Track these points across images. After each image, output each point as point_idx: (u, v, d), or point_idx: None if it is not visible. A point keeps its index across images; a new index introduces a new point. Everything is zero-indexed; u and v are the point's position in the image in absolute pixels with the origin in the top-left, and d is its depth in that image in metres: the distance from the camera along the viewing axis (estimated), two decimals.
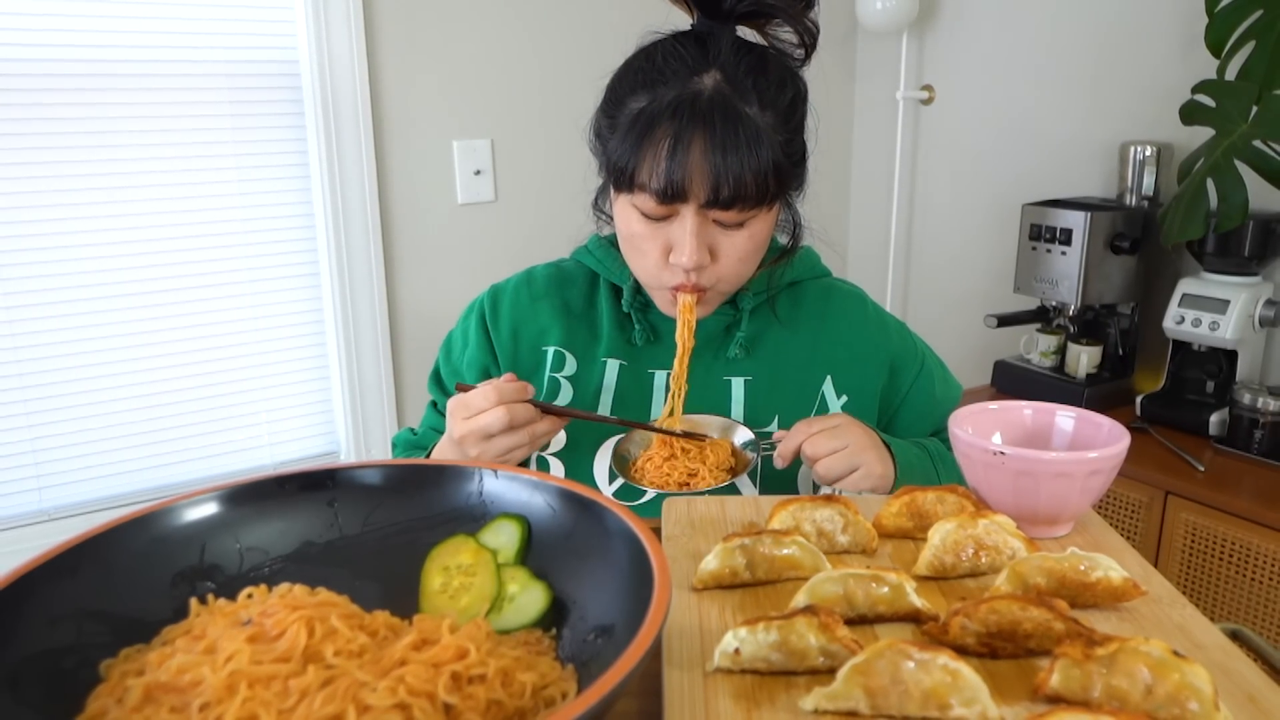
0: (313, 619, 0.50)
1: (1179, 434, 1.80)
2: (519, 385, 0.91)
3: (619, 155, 0.91)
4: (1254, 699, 0.48)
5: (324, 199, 1.98)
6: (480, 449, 0.89)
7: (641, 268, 0.98)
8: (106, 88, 1.77)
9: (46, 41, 1.70)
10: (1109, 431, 0.70)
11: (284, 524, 0.62)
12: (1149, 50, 2.01)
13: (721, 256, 0.94)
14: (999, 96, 2.35)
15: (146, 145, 1.82)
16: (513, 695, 0.49)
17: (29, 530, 1.82)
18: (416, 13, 2.03)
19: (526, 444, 0.90)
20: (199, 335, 1.94)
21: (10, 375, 1.77)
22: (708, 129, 0.87)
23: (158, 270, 1.87)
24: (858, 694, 0.47)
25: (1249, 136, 1.61)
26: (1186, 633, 0.55)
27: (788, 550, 0.62)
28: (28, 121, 1.71)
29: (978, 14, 2.36)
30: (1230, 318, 1.73)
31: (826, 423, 0.93)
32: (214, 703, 0.45)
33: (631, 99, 0.92)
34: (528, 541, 0.61)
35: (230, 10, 1.85)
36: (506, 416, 0.87)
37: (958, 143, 2.47)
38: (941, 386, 1.12)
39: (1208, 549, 1.59)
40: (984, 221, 2.42)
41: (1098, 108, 2.13)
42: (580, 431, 1.03)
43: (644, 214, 0.92)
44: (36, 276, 1.77)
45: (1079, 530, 0.70)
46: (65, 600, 0.51)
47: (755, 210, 0.91)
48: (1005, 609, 0.52)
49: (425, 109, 2.08)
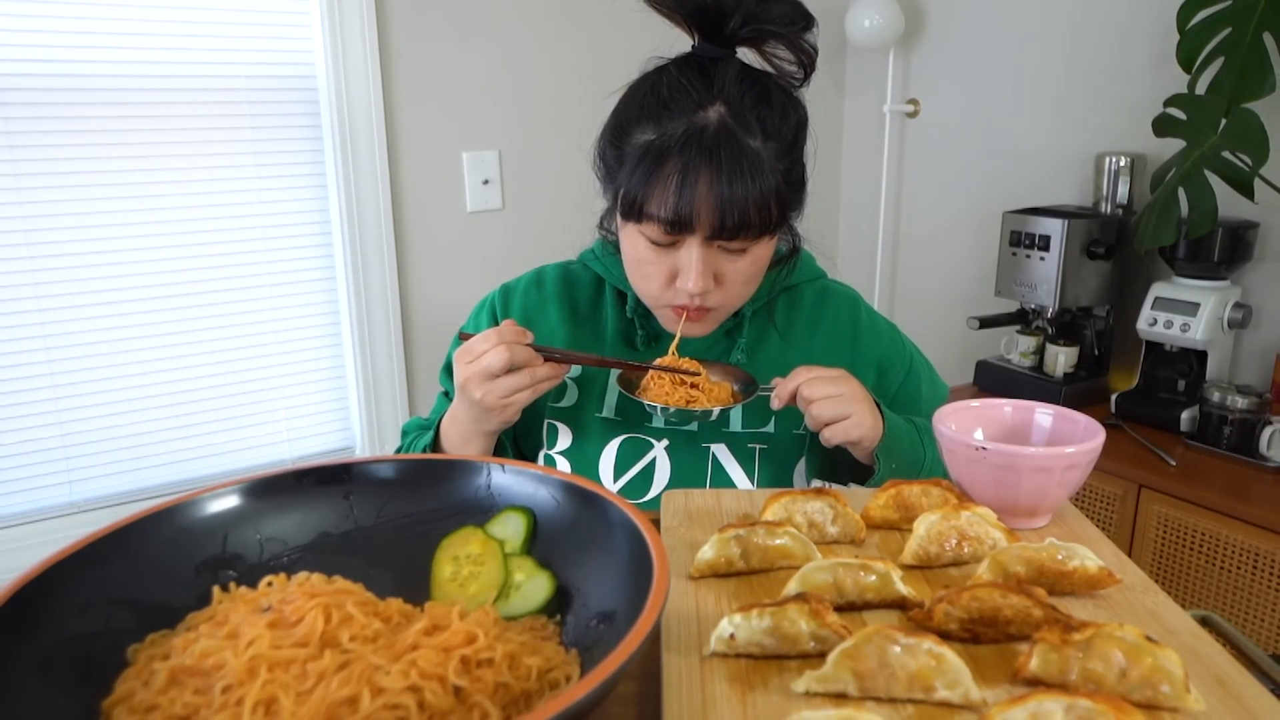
0: (329, 606, 0.50)
1: (1151, 430, 1.80)
2: (519, 330, 0.89)
3: (628, 187, 0.89)
4: (1223, 681, 0.48)
5: (340, 207, 1.98)
6: (483, 390, 0.87)
7: (646, 290, 0.97)
8: (139, 101, 1.77)
9: (87, 58, 1.71)
10: (1085, 428, 0.70)
11: (302, 515, 0.62)
12: (1123, 65, 2.01)
13: (726, 281, 0.93)
14: (981, 110, 2.35)
15: (174, 156, 1.82)
16: (519, 678, 0.49)
17: (60, 522, 1.82)
18: (428, 31, 2.03)
19: (528, 386, 0.88)
20: (221, 337, 1.93)
21: (43, 375, 1.77)
22: (714, 164, 0.86)
23: (182, 275, 1.87)
24: (847, 677, 0.47)
25: (1218, 148, 1.61)
26: (1159, 619, 0.55)
27: (780, 541, 0.62)
28: (65, 134, 1.72)
29: (960, 32, 2.36)
30: (1200, 320, 1.73)
31: (825, 371, 0.92)
32: (236, 685, 0.45)
33: (638, 130, 0.91)
34: (533, 532, 0.61)
35: (252, 30, 1.85)
36: (507, 354, 0.86)
37: (941, 153, 2.47)
38: (928, 387, 1.11)
39: (1179, 539, 1.59)
40: (966, 228, 2.42)
41: (1074, 120, 2.13)
42: (586, 430, 1.02)
43: (651, 241, 0.92)
44: (69, 281, 1.77)
45: (1057, 521, 0.70)
46: (94, 588, 0.51)
47: (759, 239, 0.91)
48: (987, 596, 0.52)
49: (436, 122, 2.08)
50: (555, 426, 1.03)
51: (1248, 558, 1.50)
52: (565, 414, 1.03)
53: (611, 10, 2.20)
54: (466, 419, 0.93)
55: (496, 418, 0.90)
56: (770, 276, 1.05)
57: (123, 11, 1.73)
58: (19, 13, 1.65)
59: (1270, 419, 1.63)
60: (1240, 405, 1.65)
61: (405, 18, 2.00)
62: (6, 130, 1.67)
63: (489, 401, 0.88)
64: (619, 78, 0.98)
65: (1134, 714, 0.42)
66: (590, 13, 2.20)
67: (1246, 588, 1.50)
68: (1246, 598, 1.51)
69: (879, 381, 1.08)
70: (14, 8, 1.64)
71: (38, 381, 1.77)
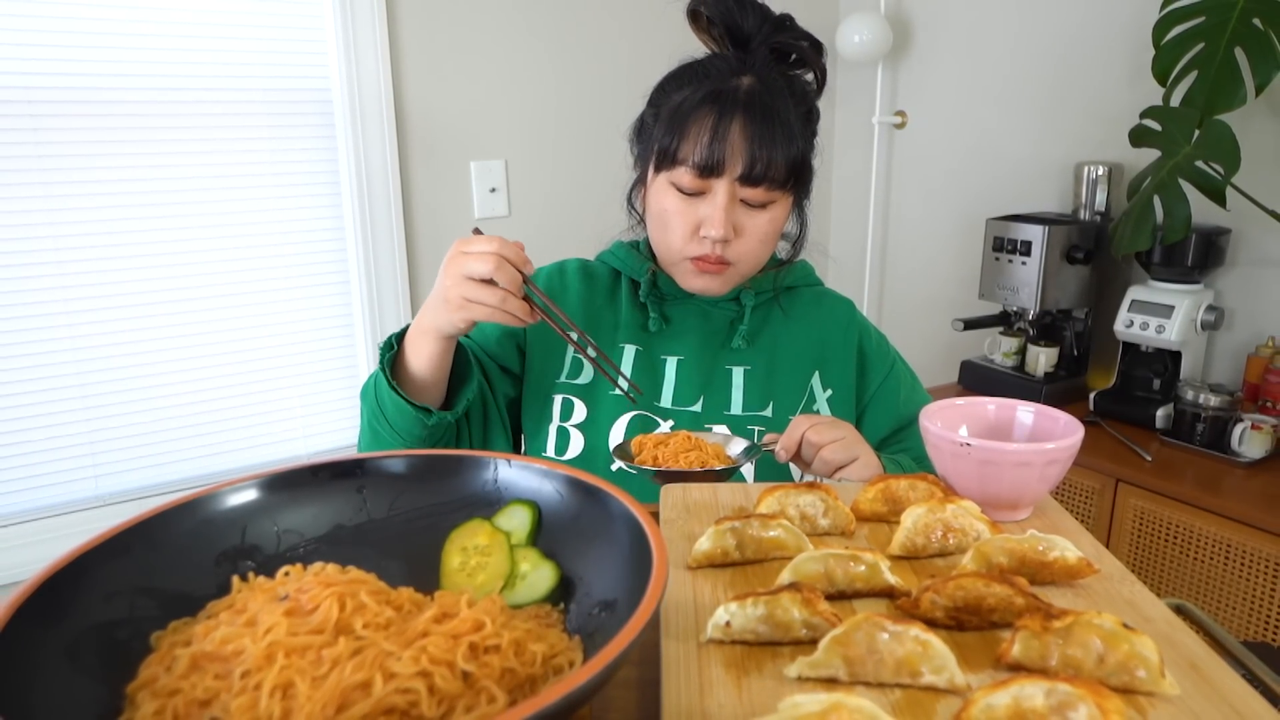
0: (344, 595, 0.50)
1: (1128, 427, 1.80)
2: (523, 256, 0.85)
3: (663, 135, 0.95)
4: (1196, 667, 0.48)
5: (353, 213, 1.98)
6: (454, 284, 0.83)
7: (670, 244, 0.99)
8: (163, 112, 1.77)
9: (113, 70, 1.72)
10: (1065, 425, 0.70)
11: (317, 508, 0.62)
12: (1101, 78, 2.01)
13: (745, 234, 0.96)
14: (965, 121, 2.34)
15: (195, 164, 1.82)
16: (525, 664, 0.49)
17: (86, 514, 1.82)
18: (437, 46, 2.03)
19: (492, 305, 0.83)
20: (240, 337, 1.94)
21: (70, 374, 1.77)
22: (746, 114, 0.92)
23: (203, 278, 1.87)
24: (837, 663, 0.47)
25: (1192, 157, 1.61)
26: (1135, 607, 0.55)
27: (774, 532, 0.62)
28: (92, 142, 1.72)
29: (945, 46, 2.36)
30: (1175, 322, 1.73)
31: (823, 418, 0.92)
32: (254, 670, 0.45)
33: (676, 93, 0.96)
34: (538, 524, 0.61)
35: (270, 44, 1.86)
36: (493, 266, 0.82)
37: (928, 163, 2.47)
38: (907, 392, 1.12)
39: (1154, 531, 1.59)
40: (951, 234, 2.42)
41: (1054, 131, 2.13)
42: (599, 406, 1.03)
43: (680, 189, 0.95)
44: (95, 285, 1.77)
45: (1038, 514, 0.70)
46: (119, 578, 0.51)
47: (778, 193, 0.95)
48: (971, 585, 0.52)
49: (445, 132, 2.08)
50: (571, 401, 1.04)
51: (1220, 549, 1.49)
52: (580, 390, 1.04)
53: (611, 29, 2.21)
54: (429, 310, 0.89)
55: (449, 315, 0.85)
56: (771, 276, 1.08)
57: (148, 26, 1.73)
58: (51, 27, 1.65)
59: (1241, 416, 1.63)
60: (1213, 403, 1.65)
61: (416, 34, 2.00)
62: (37, 140, 1.68)
63: (451, 296, 0.84)
64: (619, 92, 1.00)
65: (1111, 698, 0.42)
66: (591, 31, 2.20)
67: (1219, 577, 1.50)
68: (1219, 587, 1.51)
69: (861, 379, 1.09)
70: (47, 22, 1.65)
71: (65, 381, 1.77)
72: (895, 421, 1.10)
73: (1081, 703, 0.41)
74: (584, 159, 2.25)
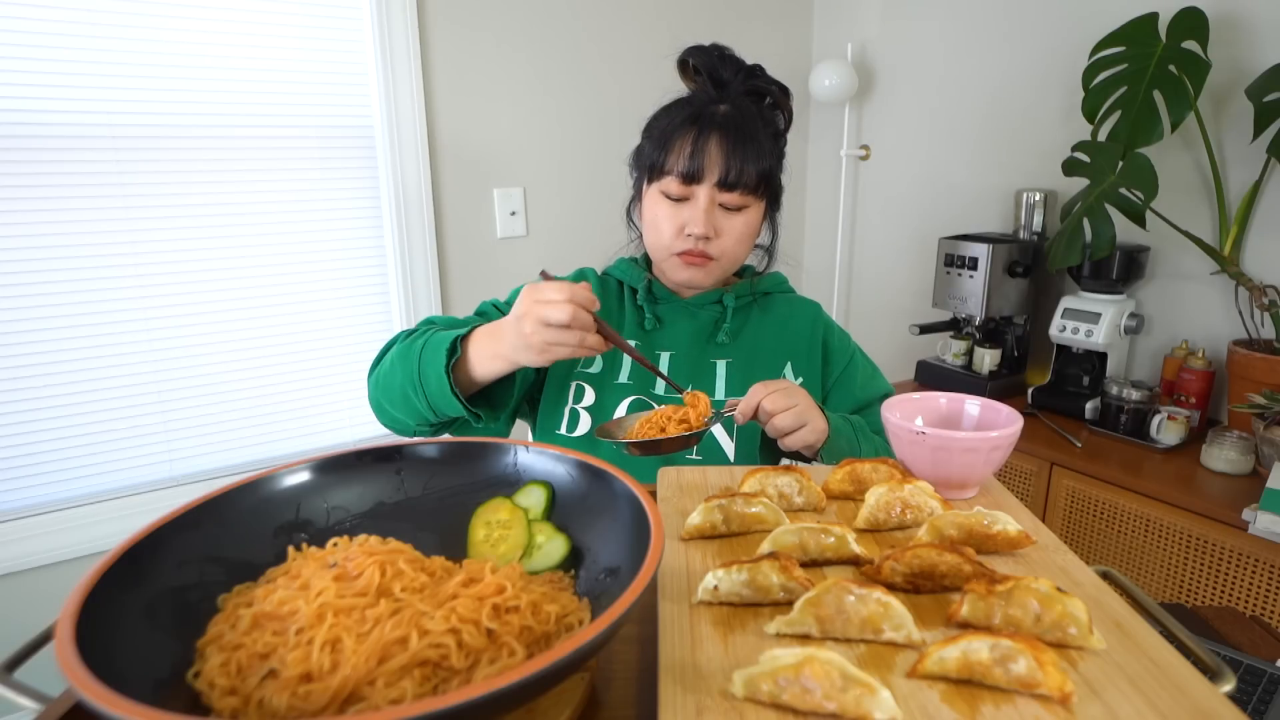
0: (384, 562, 0.50)
1: (1061, 418, 1.80)
2: (591, 296, 0.82)
3: (653, 152, 0.99)
4: (1120, 625, 0.48)
5: (392, 233, 1.98)
6: (534, 330, 0.80)
7: (660, 242, 1.02)
8: (229, 146, 1.77)
9: (187, 110, 1.72)
10: (1007, 416, 0.70)
11: (362, 488, 0.62)
12: (1037, 117, 2.01)
13: (724, 233, 0.99)
14: (920, 153, 2.34)
15: (257, 191, 1.82)
16: (540, 622, 0.49)
17: (162, 494, 1.82)
18: (465, 88, 2.03)
19: (574, 345, 0.81)
20: (295, 340, 1.93)
21: (148, 374, 1.77)
22: (723, 131, 0.96)
23: (262, 290, 1.87)
24: (810, 621, 0.47)
25: (1116, 185, 1.61)
26: (1067, 573, 0.55)
27: (755, 509, 0.62)
28: (168, 172, 1.72)
29: (904, 89, 2.36)
30: (1102, 327, 1.73)
31: (779, 385, 0.90)
32: (307, 628, 0.45)
33: (665, 119, 1.00)
34: (552, 502, 0.61)
35: (320, 87, 1.85)
36: (570, 313, 0.79)
37: (888, 189, 2.47)
38: (864, 379, 1.11)
39: (1084, 508, 1.59)
40: (908, 251, 2.42)
41: (997, 162, 2.13)
42: (606, 391, 1.03)
43: (668, 196, 0.98)
44: (170, 296, 1.76)
45: (983, 493, 0.70)
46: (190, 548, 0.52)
47: (751, 198, 0.98)
48: (925, 554, 0.52)
49: (472, 163, 2.08)
50: (583, 387, 1.04)
51: (1140, 523, 1.49)
52: (592, 378, 1.04)
53: (612, 76, 2.21)
54: (506, 343, 0.85)
55: (532, 356, 0.83)
56: (749, 282, 1.11)
57: (216, 71, 1.73)
58: (133, 71, 1.65)
59: (1159, 409, 1.63)
60: (1134, 398, 1.65)
61: (447, 78, 2.00)
62: (120, 169, 1.67)
63: (534, 341, 0.81)
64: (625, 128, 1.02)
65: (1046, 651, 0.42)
66: (597, 77, 2.20)
67: (1140, 548, 1.50)
68: (1140, 556, 1.51)
69: (824, 367, 1.10)
70: (130, 67, 1.64)
71: (144, 380, 1.77)
72: (854, 403, 1.10)
73: (1021, 655, 0.41)
74: (591, 186, 2.25)
